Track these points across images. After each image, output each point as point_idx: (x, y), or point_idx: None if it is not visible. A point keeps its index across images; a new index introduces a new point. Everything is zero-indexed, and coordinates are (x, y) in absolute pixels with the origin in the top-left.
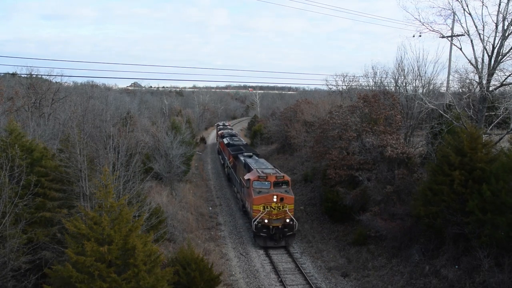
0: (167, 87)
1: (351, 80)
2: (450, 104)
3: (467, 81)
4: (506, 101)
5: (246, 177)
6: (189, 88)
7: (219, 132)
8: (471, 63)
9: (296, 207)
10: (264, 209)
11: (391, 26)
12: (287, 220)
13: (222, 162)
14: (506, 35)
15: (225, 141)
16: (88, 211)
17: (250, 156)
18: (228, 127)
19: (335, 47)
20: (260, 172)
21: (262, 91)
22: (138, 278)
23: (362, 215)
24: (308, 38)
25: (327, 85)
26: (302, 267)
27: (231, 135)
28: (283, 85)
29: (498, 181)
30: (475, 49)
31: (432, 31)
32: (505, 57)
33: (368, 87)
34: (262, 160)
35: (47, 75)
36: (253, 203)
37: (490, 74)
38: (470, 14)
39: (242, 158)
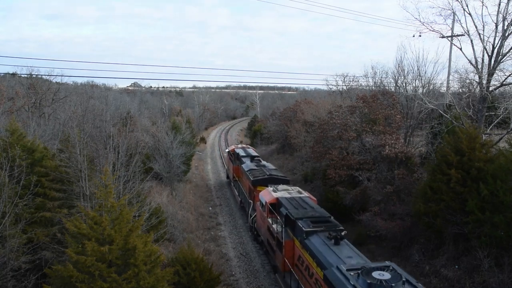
0: (167, 87)
1: (351, 80)
2: (450, 104)
3: (467, 81)
4: (506, 101)
5: None
6: (189, 88)
7: (252, 182)
8: (471, 63)
9: None
10: None
11: (392, 26)
12: None
13: (273, 262)
14: (506, 35)
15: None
16: (89, 211)
17: None
18: (270, 166)
19: (337, 47)
20: None
21: (262, 91)
22: (138, 278)
23: (362, 215)
24: (310, 38)
25: (327, 85)
26: None
27: (304, 206)
28: (283, 85)
29: (495, 181)
30: (475, 49)
31: (432, 31)
32: (505, 57)
33: (368, 87)
34: None
35: (47, 75)
36: None
37: (490, 74)
38: (470, 14)
39: None
